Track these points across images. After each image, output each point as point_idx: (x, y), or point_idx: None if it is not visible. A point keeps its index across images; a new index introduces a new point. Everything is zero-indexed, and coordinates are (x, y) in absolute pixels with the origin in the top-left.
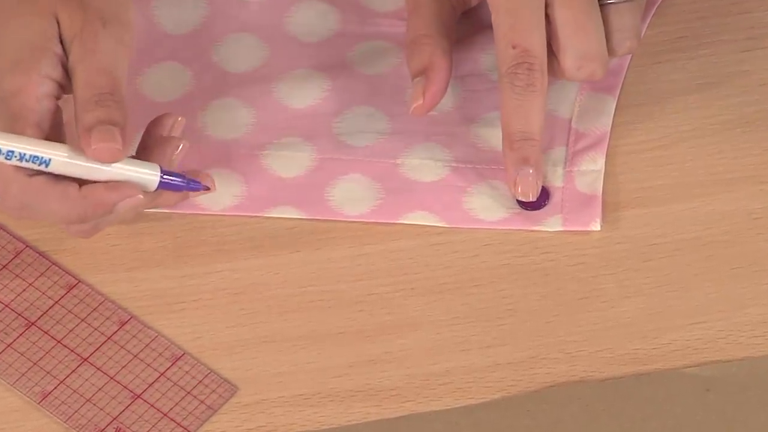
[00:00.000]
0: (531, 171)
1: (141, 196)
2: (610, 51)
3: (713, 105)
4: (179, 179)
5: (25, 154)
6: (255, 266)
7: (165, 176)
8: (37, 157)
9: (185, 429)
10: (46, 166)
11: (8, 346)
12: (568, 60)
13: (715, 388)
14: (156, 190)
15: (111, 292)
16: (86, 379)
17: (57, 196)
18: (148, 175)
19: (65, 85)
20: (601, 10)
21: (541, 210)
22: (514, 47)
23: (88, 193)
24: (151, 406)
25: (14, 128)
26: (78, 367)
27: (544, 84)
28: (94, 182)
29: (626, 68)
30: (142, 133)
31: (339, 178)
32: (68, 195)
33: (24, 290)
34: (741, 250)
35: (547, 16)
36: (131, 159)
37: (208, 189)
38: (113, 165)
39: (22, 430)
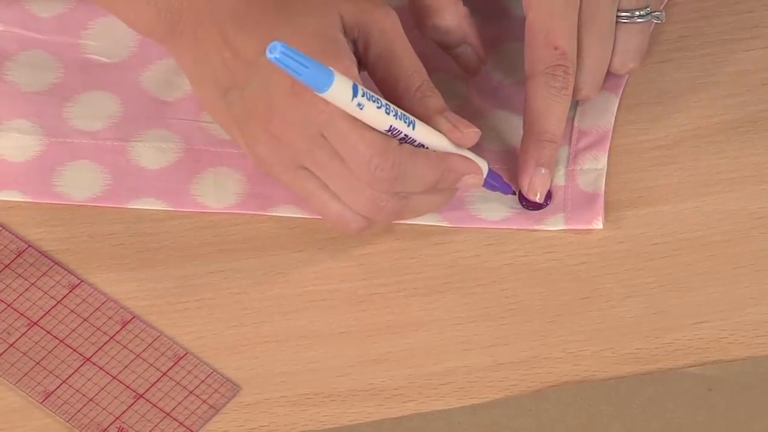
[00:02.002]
0: (544, 171)
1: (480, 178)
2: (612, 68)
3: (715, 104)
4: (497, 179)
5: (397, 112)
6: (257, 266)
7: (489, 174)
8: (406, 116)
9: (188, 428)
10: (413, 128)
11: (11, 345)
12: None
13: (717, 388)
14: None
15: (113, 291)
16: (89, 379)
17: (423, 158)
18: (481, 165)
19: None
20: (616, 24)
21: (543, 209)
22: (556, 48)
23: (446, 156)
24: (154, 405)
25: None
26: (80, 366)
27: (572, 89)
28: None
29: None
30: None
31: None
32: (431, 157)
33: (26, 290)
34: (743, 249)
35: None
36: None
37: (514, 193)
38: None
39: (25, 430)
